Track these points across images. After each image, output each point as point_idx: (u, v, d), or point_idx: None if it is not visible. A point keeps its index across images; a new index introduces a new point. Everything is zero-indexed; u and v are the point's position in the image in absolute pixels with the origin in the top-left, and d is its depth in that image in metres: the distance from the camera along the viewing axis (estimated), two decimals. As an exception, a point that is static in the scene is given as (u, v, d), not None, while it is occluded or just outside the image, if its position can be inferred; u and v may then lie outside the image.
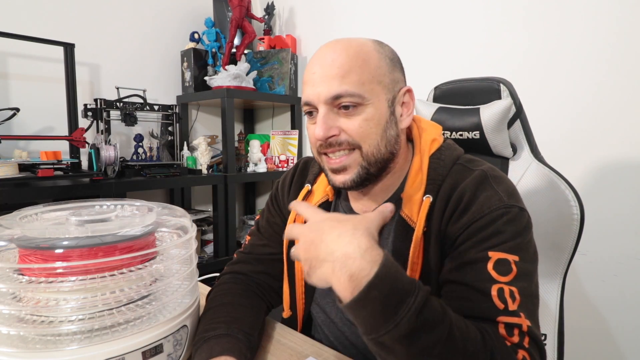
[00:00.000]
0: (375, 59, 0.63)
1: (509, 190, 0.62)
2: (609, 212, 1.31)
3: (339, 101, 0.61)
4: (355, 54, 0.62)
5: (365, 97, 0.61)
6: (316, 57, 0.64)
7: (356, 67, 0.61)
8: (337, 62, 0.61)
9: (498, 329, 0.52)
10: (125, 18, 2.03)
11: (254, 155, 2.17)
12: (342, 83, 0.60)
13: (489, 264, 0.55)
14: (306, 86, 0.64)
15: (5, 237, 0.56)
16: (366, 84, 0.61)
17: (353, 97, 0.60)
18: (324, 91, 0.61)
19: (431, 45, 1.73)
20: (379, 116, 0.63)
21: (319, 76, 0.62)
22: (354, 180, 0.64)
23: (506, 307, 0.52)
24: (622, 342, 1.32)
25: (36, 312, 0.51)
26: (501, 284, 0.54)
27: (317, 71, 0.62)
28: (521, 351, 0.50)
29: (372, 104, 0.62)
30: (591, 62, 1.33)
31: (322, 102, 0.62)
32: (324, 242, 0.47)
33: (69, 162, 1.61)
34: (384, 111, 0.63)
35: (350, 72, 0.61)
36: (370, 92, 0.62)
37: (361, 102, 0.61)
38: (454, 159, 0.67)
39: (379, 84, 0.63)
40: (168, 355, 0.57)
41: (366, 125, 0.62)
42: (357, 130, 0.62)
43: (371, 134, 0.62)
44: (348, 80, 0.60)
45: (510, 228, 0.57)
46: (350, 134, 0.62)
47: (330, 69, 0.61)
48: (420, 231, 0.62)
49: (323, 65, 0.62)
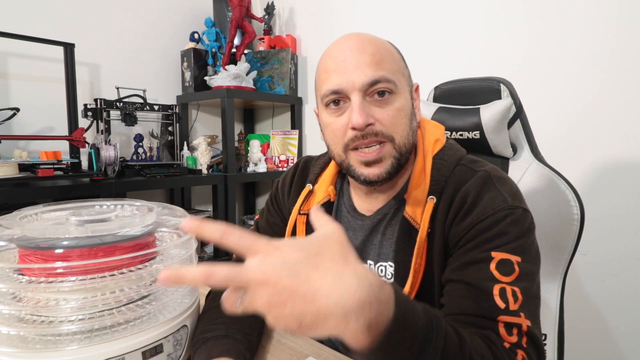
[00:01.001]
0: (396, 52, 0.66)
1: (512, 191, 0.62)
2: (609, 212, 1.31)
3: (375, 87, 0.61)
4: (383, 45, 0.64)
5: (398, 86, 0.63)
6: (341, 46, 0.63)
7: (387, 56, 0.63)
8: (369, 50, 0.62)
9: (498, 328, 0.52)
10: (125, 18, 2.03)
11: (254, 155, 2.17)
12: (378, 69, 0.61)
13: (492, 263, 0.56)
14: (333, 74, 0.62)
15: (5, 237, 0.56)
16: (396, 73, 0.63)
17: (389, 83, 0.61)
18: (359, 78, 0.60)
19: (431, 45, 1.73)
20: (407, 106, 0.64)
21: (352, 63, 0.61)
22: (389, 171, 0.64)
23: (507, 307, 0.53)
24: (622, 342, 1.32)
25: (36, 312, 0.51)
26: (503, 284, 0.54)
27: (349, 57, 0.61)
28: (520, 351, 0.51)
29: (401, 94, 0.63)
30: (591, 62, 1.33)
31: (357, 90, 0.61)
32: (320, 292, 0.34)
33: (69, 162, 1.61)
34: (409, 102, 0.65)
35: (383, 60, 0.62)
36: (399, 81, 0.63)
37: (394, 89, 0.62)
38: (457, 159, 0.67)
39: (402, 75, 0.65)
40: (168, 355, 0.57)
41: (398, 115, 0.62)
42: (391, 120, 0.62)
43: (402, 124, 0.63)
44: (383, 67, 0.61)
45: (514, 229, 0.58)
46: (385, 124, 0.62)
47: (363, 56, 0.61)
48: (424, 233, 0.62)
49: (353, 52, 0.62)
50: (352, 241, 0.72)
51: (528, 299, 0.54)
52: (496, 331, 0.52)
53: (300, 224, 0.76)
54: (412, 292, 0.62)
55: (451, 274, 0.59)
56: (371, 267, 0.70)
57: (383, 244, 0.69)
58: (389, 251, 0.68)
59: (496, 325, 0.52)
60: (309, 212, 0.76)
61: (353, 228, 0.73)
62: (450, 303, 0.58)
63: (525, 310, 0.53)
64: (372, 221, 0.71)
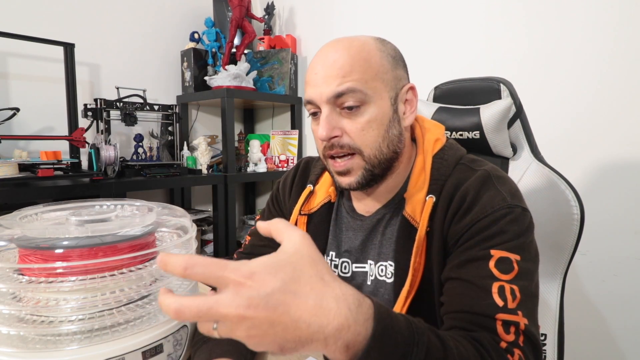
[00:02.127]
0: (377, 56, 0.63)
1: (512, 190, 0.62)
2: (609, 212, 1.31)
3: (342, 100, 0.61)
4: (356, 52, 0.62)
5: (368, 95, 0.61)
6: (318, 57, 0.64)
7: (358, 66, 0.61)
8: (339, 62, 0.61)
9: (496, 326, 0.52)
10: (125, 18, 2.03)
11: (254, 155, 2.17)
12: (344, 82, 0.60)
13: (491, 261, 0.56)
14: (308, 86, 0.64)
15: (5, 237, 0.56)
16: (369, 81, 0.61)
17: (355, 94, 0.60)
18: (326, 90, 0.61)
19: (431, 45, 1.73)
20: (382, 115, 0.63)
21: (321, 76, 0.62)
22: (359, 182, 0.65)
23: (505, 305, 0.53)
24: (622, 342, 1.32)
25: (36, 312, 0.51)
26: (502, 282, 0.54)
27: (319, 71, 0.62)
28: (517, 350, 0.51)
29: (374, 103, 0.62)
30: (591, 62, 1.33)
31: (324, 102, 0.62)
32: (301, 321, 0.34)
33: (69, 162, 1.61)
34: (386, 109, 0.64)
35: (352, 71, 0.61)
36: (372, 89, 0.62)
37: (364, 100, 0.61)
38: (457, 158, 0.67)
39: (381, 81, 0.63)
40: (168, 355, 0.57)
41: (368, 126, 0.62)
42: (359, 133, 0.62)
43: (373, 137, 0.63)
44: (350, 79, 0.60)
45: (513, 228, 0.58)
46: (352, 137, 0.62)
47: (332, 69, 0.61)
48: (423, 231, 0.62)
49: (325, 65, 0.62)
50: (353, 241, 0.72)
51: (526, 298, 0.54)
52: (494, 329, 0.52)
53: (301, 225, 0.76)
54: (411, 291, 0.62)
55: (450, 272, 0.59)
56: (371, 267, 0.70)
57: (383, 244, 0.69)
58: (389, 250, 0.68)
59: (494, 323, 0.52)
60: (309, 212, 0.76)
61: (353, 228, 0.73)
62: (449, 301, 0.58)
63: (523, 309, 0.53)
64: (372, 221, 0.71)
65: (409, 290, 0.62)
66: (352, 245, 0.73)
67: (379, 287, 0.68)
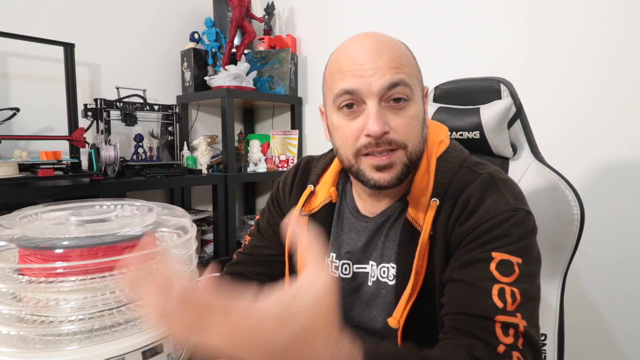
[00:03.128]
0: (411, 55, 0.64)
1: (515, 193, 0.62)
2: (609, 212, 1.31)
3: (393, 92, 0.59)
4: (399, 48, 0.62)
5: (414, 92, 0.61)
6: (357, 48, 0.61)
7: (405, 60, 0.61)
8: (388, 53, 0.60)
9: (495, 329, 0.52)
10: (125, 18, 2.03)
11: (254, 155, 2.17)
12: (397, 72, 0.59)
13: (492, 264, 0.56)
14: (349, 76, 0.60)
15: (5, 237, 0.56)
16: (412, 77, 0.62)
17: (407, 87, 0.60)
18: (377, 82, 0.58)
19: (431, 45, 1.73)
20: (420, 112, 0.63)
21: (370, 66, 0.59)
22: (399, 177, 0.62)
23: (505, 307, 0.53)
24: (622, 342, 1.32)
25: (36, 312, 0.51)
26: (502, 284, 0.54)
27: (366, 61, 0.59)
28: (515, 353, 0.51)
29: (415, 99, 0.62)
30: (591, 62, 1.33)
31: (374, 94, 0.59)
32: None
33: (69, 162, 1.61)
34: (421, 107, 0.64)
35: (402, 64, 0.60)
36: (415, 85, 0.62)
37: (410, 95, 0.61)
38: (460, 161, 0.67)
39: (417, 79, 0.64)
40: (168, 355, 0.57)
41: (412, 122, 0.61)
42: (405, 128, 0.61)
43: (416, 133, 0.62)
44: (402, 71, 0.60)
45: (516, 231, 0.58)
46: (399, 132, 0.60)
47: (382, 60, 0.59)
48: (426, 235, 0.62)
49: (372, 55, 0.60)
50: (355, 242, 0.72)
51: (526, 300, 0.54)
52: (492, 331, 0.52)
53: (301, 225, 0.76)
54: (413, 294, 0.62)
55: (451, 274, 0.59)
56: (373, 268, 0.70)
57: (386, 246, 0.69)
58: (391, 253, 0.68)
59: (493, 325, 0.52)
60: (310, 213, 0.76)
61: (356, 229, 0.73)
62: (449, 302, 0.58)
63: (523, 311, 0.53)
64: (376, 223, 0.70)
65: (410, 294, 0.62)
66: (354, 246, 0.72)
67: (380, 289, 0.68)
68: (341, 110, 0.62)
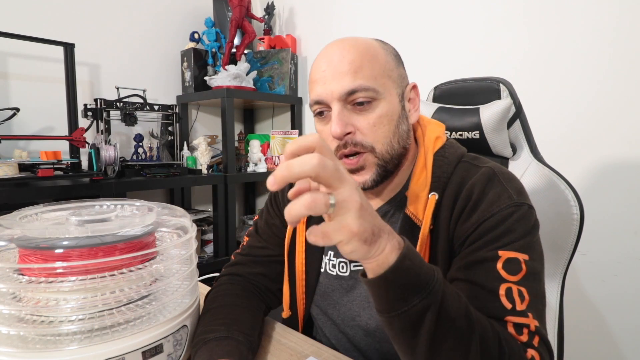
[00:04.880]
0: (383, 54, 0.64)
1: (518, 187, 0.62)
2: (609, 212, 1.31)
3: (353, 97, 0.61)
4: (364, 49, 0.62)
5: (379, 92, 0.61)
6: (323, 56, 0.64)
7: (367, 62, 0.61)
8: (347, 58, 0.61)
9: (507, 327, 0.52)
10: (125, 18, 2.03)
11: (254, 155, 2.17)
12: (355, 78, 0.60)
13: (499, 263, 0.55)
14: (316, 85, 0.63)
15: (5, 237, 0.56)
16: (378, 78, 0.61)
17: (367, 91, 0.60)
18: (337, 88, 0.60)
19: (431, 45, 1.73)
20: (392, 111, 0.63)
21: (330, 73, 0.61)
22: (374, 179, 0.64)
23: (514, 307, 0.53)
24: (622, 342, 1.32)
25: (36, 312, 0.51)
26: (510, 283, 0.54)
27: (327, 69, 0.62)
28: (530, 350, 0.50)
29: (384, 99, 0.62)
30: (591, 62, 1.33)
31: (335, 99, 0.61)
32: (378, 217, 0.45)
33: (69, 162, 1.61)
34: (395, 105, 0.64)
35: (362, 67, 0.61)
36: (382, 86, 0.62)
37: (375, 96, 0.61)
38: (458, 156, 0.67)
39: (389, 78, 0.63)
40: (168, 355, 0.57)
41: (380, 122, 0.62)
42: (371, 128, 0.61)
43: (384, 132, 0.62)
44: (361, 75, 0.60)
45: (520, 226, 0.57)
46: (365, 134, 0.61)
47: (341, 65, 0.61)
48: (426, 229, 0.62)
49: (332, 62, 0.61)
50: None
51: (535, 299, 0.54)
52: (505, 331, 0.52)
53: (300, 224, 0.76)
54: None
55: (457, 273, 0.59)
56: None
57: None
58: None
59: (505, 325, 0.52)
60: None
61: None
62: None
63: (533, 311, 0.53)
64: None
65: None
66: None
67: None
68: (317, 117, 0.66)
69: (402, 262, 0.44)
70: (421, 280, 0.45)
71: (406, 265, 0.45)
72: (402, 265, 0.44)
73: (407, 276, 0.45)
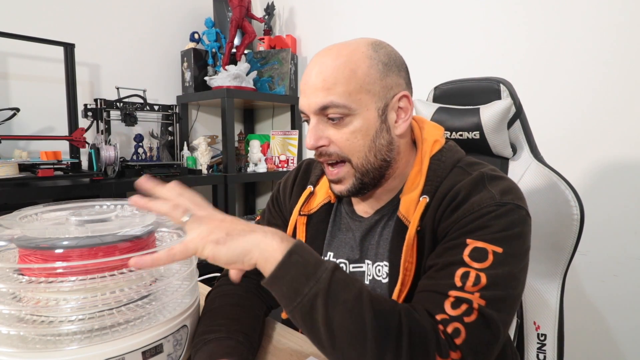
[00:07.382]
0: (365, 66, 0.62)
1: (504, 188, 0.61)
2: (609, 212, 1.31)
3: (326, 112, 0.63)
4: (343, 63, 0.61)
5: (352, 108, 0.62)
6: (309, 67, 0.66)
7: (342, 78, 0.61)
8: (323, 74, 0.62)
9: (443, 302, 0.52)
10: (125, 18, 2.03)
11: (254, 155, 2.17)
12: (327, 94, 0.61)
13: (466, 250, 0.56)
14: (301, 95, 0.66)
15: (5, 237, 0.56)
16: (353, 94, 0.61)
17: (339, 108, 0.61)
18: (312, 102, 0.63)
19: (431, 45, 1.73)
20: (367, 127, 0.63)
21: (309, 87, 0.64)
22: (350, 190, 0.67)
23: (463, 286, 0.53)
24: (622, 342, 1.32)
25: (36, 312, 0.51)
26: (469, 268, 0.54)
27: (308, 81, 0.64)
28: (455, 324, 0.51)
29: (359, 115, 0.62)
30: (591, 62, 1.33)
31: (312, 112, 0.64)
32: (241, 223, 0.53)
33: (69, 162, 1.61)
34: (372, 120, 0.63)
35: (335, 84, 0.61)
36: (357, 102, 0.62)
37: (347, 112, 0.62)
38: (454, 161, 0.67)
39: (367, 93, 0.62)
40: (168, 355, 0.57)
41: (353, 137, 0.63)
42: (345, 142, 0.64)
43: (359, 147, 0.64)
44: (333, 92, 0.61)
45: (497, 222, 0.57)
46: (339, 146, 0.64)
47: (317, 81, 0.62)
48: (413, 230, 0.62)
49: (310, 76, 0.64)
50: (351, 242, 0.73)
51: (493, 286, 0.53)
52: (440, 304, 0.52)
53: (300, 225, 0.76)
54: (403, 290, 0.62)
55: (429, 261, 0.60)
56: (369, 267, 0.70)
57: (380, 244, 0.69)
58: (384, 251, 0.68)
59: (443, 299, 0.53)
60: (309, 213, 0.77)
61: (352, 229, 0.73)
62: (418, 286, 0.59)
63: (484, 293, 0.52)
64: (370, 222, 0.71)
65: (400, 289, 0.62)
66: (350, 246, 0.73)
67: (376, 288, 0.69)
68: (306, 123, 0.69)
69: (289, 258, 0.50)
70: (309, 272, 0.49)
71: (293, 260, 0.50)
72: (290, 260, 0.49)
73: (295, 270, 0.49)
